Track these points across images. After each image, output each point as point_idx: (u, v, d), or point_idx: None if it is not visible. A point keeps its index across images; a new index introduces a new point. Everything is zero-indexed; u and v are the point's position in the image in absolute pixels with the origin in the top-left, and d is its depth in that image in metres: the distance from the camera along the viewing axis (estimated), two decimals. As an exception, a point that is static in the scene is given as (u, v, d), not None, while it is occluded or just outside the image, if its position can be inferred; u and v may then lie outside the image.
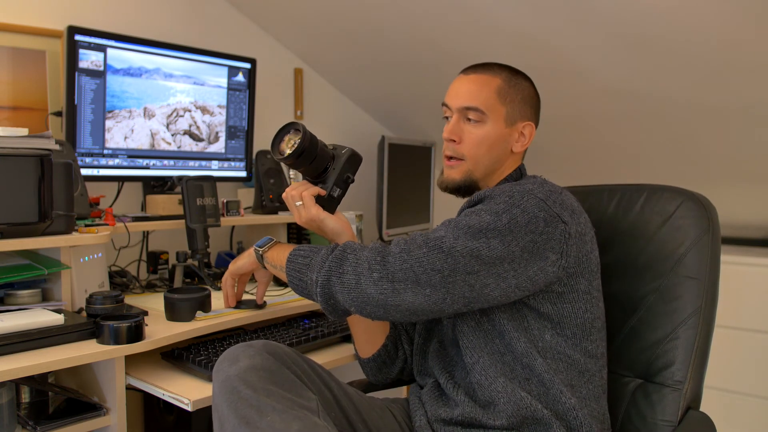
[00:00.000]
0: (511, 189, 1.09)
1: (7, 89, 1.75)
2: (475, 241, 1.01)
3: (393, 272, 1.01)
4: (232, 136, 2.10)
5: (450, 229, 1.04)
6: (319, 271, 1.07)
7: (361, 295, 1.03)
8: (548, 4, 1.78)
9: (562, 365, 1.09)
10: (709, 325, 1.16)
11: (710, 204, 1.22)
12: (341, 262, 1.05)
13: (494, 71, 1.21)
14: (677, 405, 1.13)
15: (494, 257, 1.02)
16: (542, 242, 1.04)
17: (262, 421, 0.92)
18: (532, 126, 1.22)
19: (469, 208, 1.10)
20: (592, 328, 1.12)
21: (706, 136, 2.13)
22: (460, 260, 1.00)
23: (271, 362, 1.01)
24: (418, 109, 2.73)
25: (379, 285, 1.01)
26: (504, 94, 1.19)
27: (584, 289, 1.11)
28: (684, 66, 1.84)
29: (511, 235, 1.03)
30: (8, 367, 1.09)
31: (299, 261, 1.11)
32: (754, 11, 1.57)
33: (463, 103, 1.19)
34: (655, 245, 1.22)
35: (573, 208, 1.10)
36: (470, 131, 1.19)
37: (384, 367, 1.33)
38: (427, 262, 1.01)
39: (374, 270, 1.02)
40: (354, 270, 1.03)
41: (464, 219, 1.06)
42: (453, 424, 1.12)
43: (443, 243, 1.02)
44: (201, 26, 2.21)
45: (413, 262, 1.01)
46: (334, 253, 1.07)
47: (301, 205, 1.24)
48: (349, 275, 1.03)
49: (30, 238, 1.31)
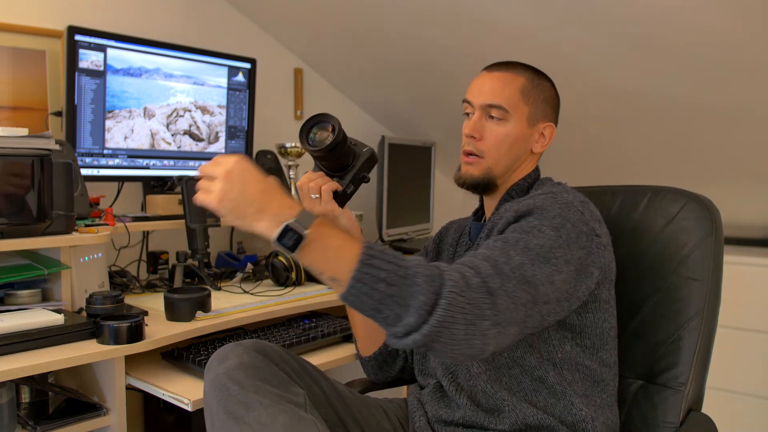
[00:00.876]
0: (554, 200, 1.05)
1: (7, 89, 1.75)
2: (548, 266, 0.95)
3: (503, 317, 0.88)
4: (232, 136, 2.09)
5: (524, 254, 0.95)
6: (422, 317, 0.84)
7: (464, 349, 0.86)
8: (549, 4, 1.77)
9: (578, 375, 1.07)
10: (711, 326, 1.16)
11: (713, 206, 1.21)
12: (452, 309, 0.84)
13: (518, 70, 1.19)
14: (679, 407, 1.13)
15: (563, 280, 0.97)
16: (587, 258, 1.02)
17: (250, 416, 0.94)
18: (553, 127, 1.21)
19: (518, 223, 1.03)
20: (608, 337, 1.11)
21: (707, 136, 2.13)
22: (540, 289, 0.93)
23: (259, 360, 1.02)
24: (418, 109, 2.73)
25: (487, 333, 0.86)
26: (527, 94, 1.17)
27: (605, 298, 1.10)
28: (684, 66, 1.84)
29: (570, 253, 0.99)
30: (8, 367, 1.09)
31: (381, 289, 0.85)
32: (755, 11, 1.57)
33: (486, 100, 1.17)
34: (658, 247, 1.22)
35: (599, 218, 1.09)
36: (492, 129, 1.17)
37: (384, 366, 1.33)
38: (517, 297, 0.90)
39: (485, 317, 0.86)
40: (464, 318, 0.84)
41: (530, 239, 0.97)
42: (454, 425, 1.12)
43: (525, 271, 0.92)
44: (201, 26, 2.20)
45: (513, 298, 0.90)
46: (443, 298, 0.84)
47: (317, 198, 1.18)
48: (459, 326, 0.84)
49: (30, 238, 1.30)
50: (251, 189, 0.88)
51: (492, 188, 1.19)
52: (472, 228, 1.27)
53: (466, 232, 1.30)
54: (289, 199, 0.90)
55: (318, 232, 0.87)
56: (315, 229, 0.87)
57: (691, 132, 2.14)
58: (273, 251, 1.83)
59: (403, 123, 2.87)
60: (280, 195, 0.90)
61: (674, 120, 2.11)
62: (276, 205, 0.88)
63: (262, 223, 0.88)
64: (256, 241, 2.21)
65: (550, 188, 1.14)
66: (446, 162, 2.98)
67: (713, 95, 1.92)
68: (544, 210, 1.03)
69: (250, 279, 1.87)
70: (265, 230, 0.88)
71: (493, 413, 1.08)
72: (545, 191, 1.11)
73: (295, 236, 0.86)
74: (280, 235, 0.86)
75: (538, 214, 1.03)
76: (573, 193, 1.10)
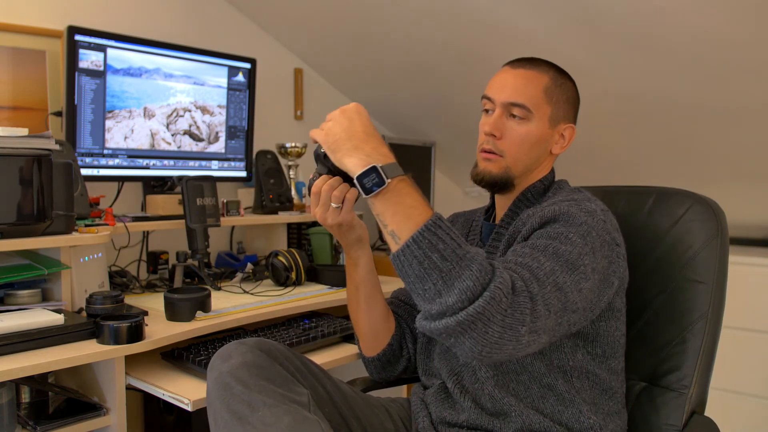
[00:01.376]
0: (578, 208, 1.03)
1: (7, 89, 1.75)
2: (576, 274, 0.94)
3: (539, 324, 0.87)
4: (232, 136, 2.09)
5: (554, 260, 0.94)
6: (462, 302, 0.82)
7: (493, 350, 0.84)
8: (549, 5, 1.77)
9: (587, 384, 1.07)
10: (716, 329, 1.15)
11: (719, 208, 1.20)
12: (492, 305, 0.82)
13: (542, 69, 1.16)
14: (682, 409, 1.12)
15: (589, 289, 0.96)
16: (608, 267, 1.01)
17: (254, 416, 0.93)
18: (573, 128, 1.19)
19: (543, 229, 1.02)
20: (618, 345, 1.10)
21: (707, 136, 2.13)
22: (569, 296, 0.92)
23: (263, 359, 1.02)
24: (418, 109, 2.73)
25: (522, 339, 0.85)
26: (551, 94, 1.14)
27: (618, 306, 1.09)
28: (685, 66, 1.84)
29: (595, 262, 0.98)
30: (8, 367, 1.08)
31: (434, 258, 0.83)
32: (755, 11, 1.57)
33: (509, 98, 1.13)
34: (663, 248, 1.22)
35: (617, 227, 1.08)
36: (513, 128, 1.13)
37: (388, 366, 1.32)
38: (551, 304, 0.89)
39: (525, 323, 0.84)
40: (502, 321, 0.83)
41: (558, 245, 0.96)
42: (458, 427, 1.11)
43: (557, 278, 0.92)
44: (201, 26, 2.20)
45: (548, 305, 0.89)
46: (488, 291, 0.82)
47: (338, 207, 1.08)
48: (496, 327, 0.82)
49: (30, 238, 1.30)
50: (355, 128, 0.94)
51: (509, 187, 1.17)
52: (484, 228, 1.25)
53: (475, 228, 1.28)
54: (386, 149, 0.94)
55: (399, 185, 0.90)
56: (397, 182, 0.90)
57: (691, 132, 2.14)
58: (273, 251, 1.83)
59: (403, 123, 2.87)
60: (378, 142, 0.94)
61: (674, 120, 2.11)
62: (370, 148, 0.93)
63: (352, 159, 0.92)
64: (256, 241, 2.21)
65: (570, 194, 1.12)
66: (446, 162, 2.98)
67: (713, 95, 1.92)
68: (570, 217, 1.01)
69: (250, 279, 1.87)
70: (353, 166, 0.91)
71: (498, 417, 1.07)
72: (566, 197, 1.09)
73: (377, 179, 0.89)
74: (364, 173, 0.89)
75: (563, 221, 1.01)
76: (594, 200, 1.09)
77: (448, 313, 0.83)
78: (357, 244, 1.19)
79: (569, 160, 2.51)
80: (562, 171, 1.27)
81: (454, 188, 3.15)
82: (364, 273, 1.21)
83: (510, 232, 1.11)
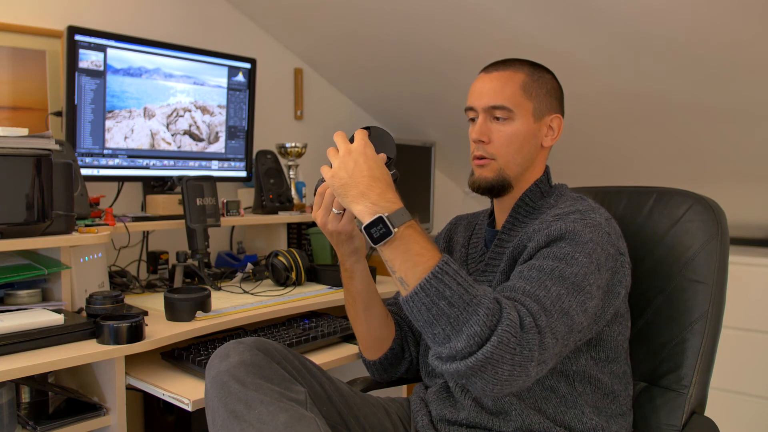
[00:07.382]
0: (584, 224, 1.03)
1: (7, 89, 1.75)
2: (582, 294, 0.95)
3: (546, 355, 0.89)
4: (232, 136, 2.09)
5: (560, 284, 0.95)
6: (470, 347, 0.84)
7: (504, 387, 0.86)
8: (548, 5, 1.77)
9: (589, 388, 1.07)
10: (715, 329, 1.15)
11: (719, 208, 1.21)
12: (501, 348, 0.83)
13: (516, 67, 1.17)
14: (682, 409, 1.12)
15: (594, 306, 0.98)
16: (612, 278, 1.02)
17: (251, 414, 0.94)
18: (560, 118, 1.19)
19: (549, 248, 1.02)
20: (621, 349, 1.11)
21: (707, 136, 2.13)
22: (575, 318, 0.93)
23: (261, 358, 1.02)
24: (418, 109, 2.73)
25: (531, 372, 0.86)
26: (529, 89, 1.15)
27: (622, 312, 1.10)
28: (684, 66, 1.84)
29: (600, 278, 0.99)
30: (8, 367, 1.08)
31: (441, 305, 0.85)
32: (755, 11, 1.57)
33: (488, 102, 1.14)
34: (663, 248, 1.22)
35: (620, 233, 1.09)
36: (499, 130, 1.14)
37: (390, 368, 1.32)
38: (558, 332, 0.91)
39: (533, 359, 0.86)
40: (512, 360, 0.84)
41: (564, 267, 0.97)
42: (458, 425, 1.12)
43: (563, 303, 0.93)
44: (201, 26, 2.20)
45: (555, 333, 0.90)
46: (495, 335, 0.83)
47: (339, 213, 1.10)
48: (506, 366, 0.84)
49: (30, 238, 1.30)
50: (361, 171, 0.94)
51: (507, 189, 1.17)
52: (487, 234, 1.25)
53: (478, 232, 1.28)
54: (392, 194, 0.93)
55: (406, 233, 0.90)
56: (404, 230, 0.90)
57: (690, 132, 2.14)
58: (273, 251, 1.83)
59: (403, 123, 2.87)
60: (384, 187, 0.93)
61: (674, 120, 2.11)
62: (376, 195, 0.92)
63: (358, 207, 0.92)
64: (256, 241, 2.21)
65: (573, 203, 1.12)
66: (446, 162, 2.98)
67: (713, 95, 1.92)
68: (576, 235, 1.01)
69: (250, 279, 1.87)
70: (360, 214, 0.92)
71: (498, 416, 1.07)
72: (570, 208, 1.09)
73: (384, 229, 0.89)
74: (371, 223, 0.90)
75: (569, 239, 1.01)
76: (597, 210, 1.09)
77: (458, 357, 0.85)
78: (353, 255, 1.18)
79: (569, 160, 2.51)
80: (563, 171, 1.28)
81: (454, 188, 3.15)
82: (361, 285, 1.21)
83: (515, 243, 1.10)
